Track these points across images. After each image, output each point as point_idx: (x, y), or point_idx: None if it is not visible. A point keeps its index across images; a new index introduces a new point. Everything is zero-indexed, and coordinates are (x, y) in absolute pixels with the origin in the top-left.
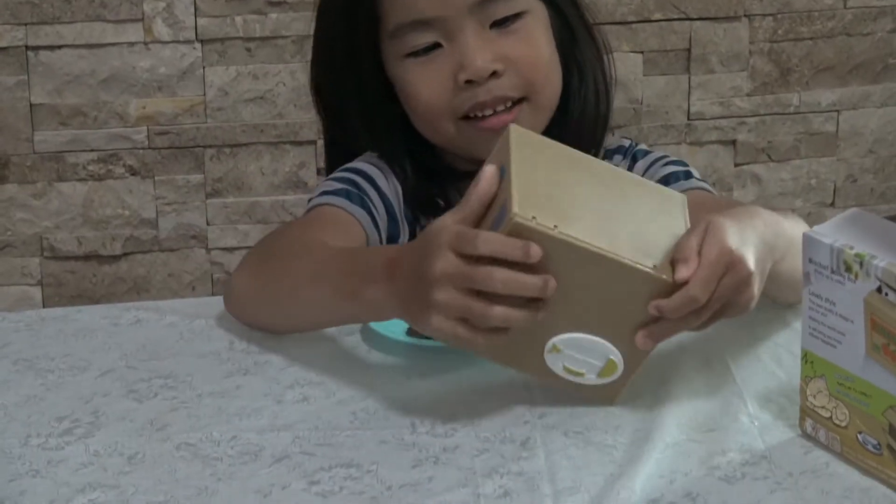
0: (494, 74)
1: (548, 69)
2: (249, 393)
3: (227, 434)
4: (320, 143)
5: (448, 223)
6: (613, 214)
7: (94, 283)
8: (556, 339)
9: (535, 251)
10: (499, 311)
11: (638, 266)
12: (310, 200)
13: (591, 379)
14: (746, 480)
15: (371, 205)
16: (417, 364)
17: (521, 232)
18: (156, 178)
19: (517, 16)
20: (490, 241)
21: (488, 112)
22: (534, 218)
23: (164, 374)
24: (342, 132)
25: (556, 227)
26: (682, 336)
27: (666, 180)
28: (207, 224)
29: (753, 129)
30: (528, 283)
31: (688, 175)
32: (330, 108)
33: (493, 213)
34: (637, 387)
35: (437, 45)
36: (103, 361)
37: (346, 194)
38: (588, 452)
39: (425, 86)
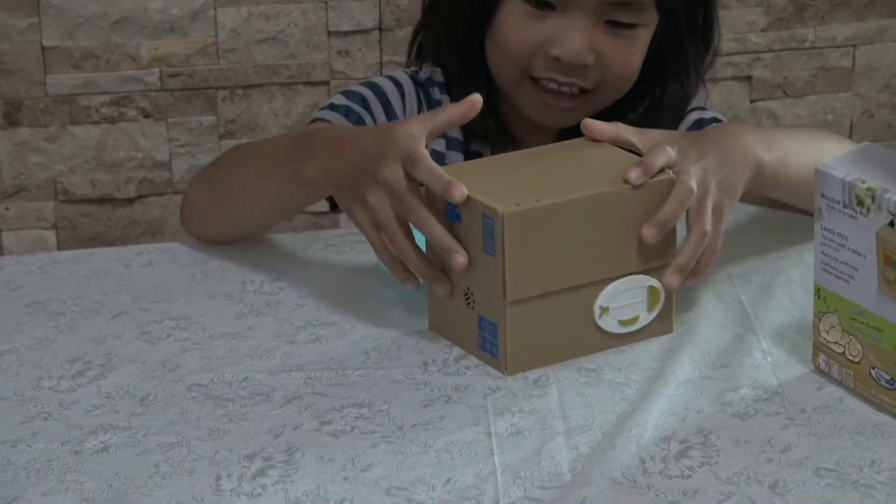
0: (583, 66)
1: (629, 81)
2: (261, 334)
3: (239, 375)
4: (333, 83)
5: (414, 132)
6: (575, 175)
7: (108, 227)
8: (599, 302)
9: (460, 192)
10: (403, 243)
11: (619, 188)
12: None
13: (645, 318)
14: (759, 416)
15: (372, 123)
16: None
17: (515, 220)
18: (169, 120)
19: (633, 26)
20: (427, 171)
21: (553, 86)
22: (517, 204)
23: (175, 316)
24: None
25: (537, 200)
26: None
27: (698, 125)
28: None
29: (769, 64)
30: (436, 233)
31: (712, 121)
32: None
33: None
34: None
35: (550, 6)
36: (115, 303)
37: (345, 111)
38: (600, 390)
39: (518, 33)
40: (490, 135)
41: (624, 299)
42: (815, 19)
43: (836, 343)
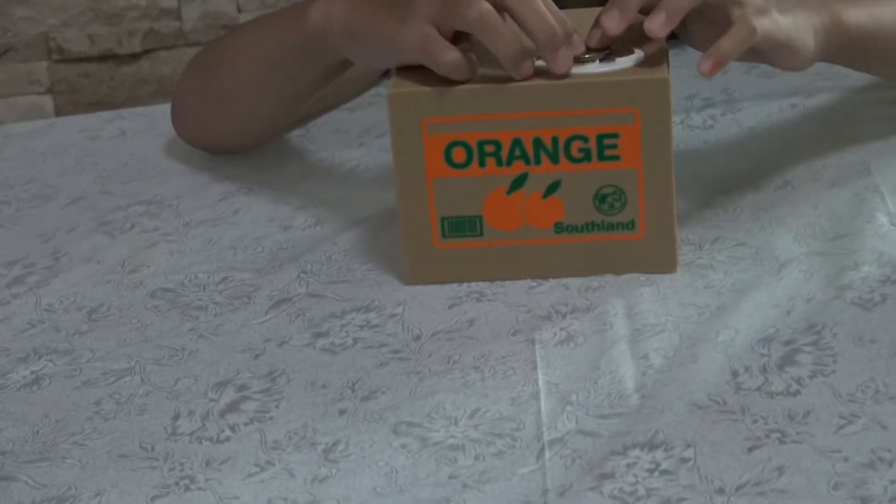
0: None
1: None
2: (249, 219)
3: (217, 275)
4: None
5: None
6: None
7: (112, 87)
8: None
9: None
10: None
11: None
12: None
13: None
14: (888, 304)
15: None
16: None
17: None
18: None
19: None
20: None
21: None
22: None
23: (145, 200)
24: None
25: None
26: (796, 118)
27: None
28: (238, 11)
29: None
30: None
31: None
32: None
33: None
34: (737, 186)
35: None
36: (74, 186)
37: None
38: (676, 279)
39: None
40: None
41: None
42: None
43: None
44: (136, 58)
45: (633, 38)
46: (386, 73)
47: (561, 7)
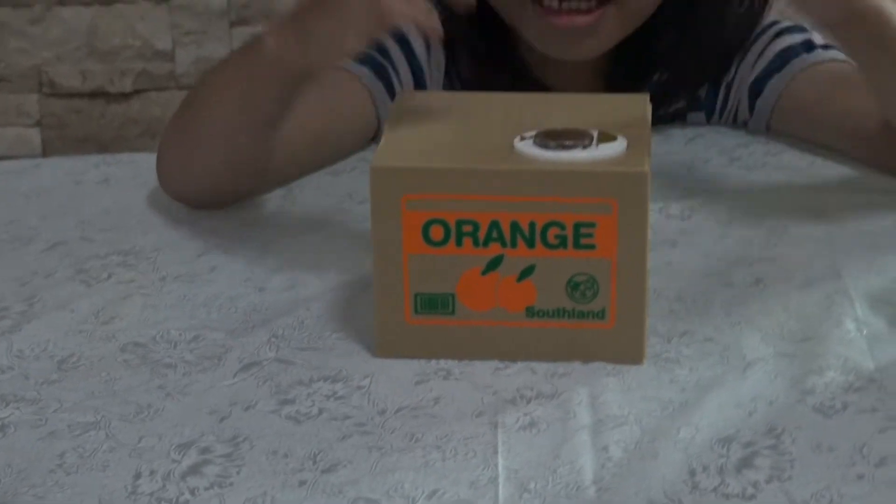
0: None
1: None
2: (225, 277)
3: (189, 333)
4: None
5: None
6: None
7: (101, 125)
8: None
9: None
10: None
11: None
12: None
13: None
14: (849, 413)
15: (393, 75)
16: None
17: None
18: (172, 2)
19: None
20: None
21: (554, 3)
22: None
23: (124, 250)
24: None
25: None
26: (773, 215)
27: (783, 59)
28: None
29: None
30: None
31: (809, 47)
32: None
33: None
34: (710, 281)
35: None
36: (54, 231)
37: (366, 60)
38: (642, 371)
39: None
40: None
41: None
42: None
43: None
44: (127, 97)
45: (618, 123)
46: (375, 138)
47: (546, 91)
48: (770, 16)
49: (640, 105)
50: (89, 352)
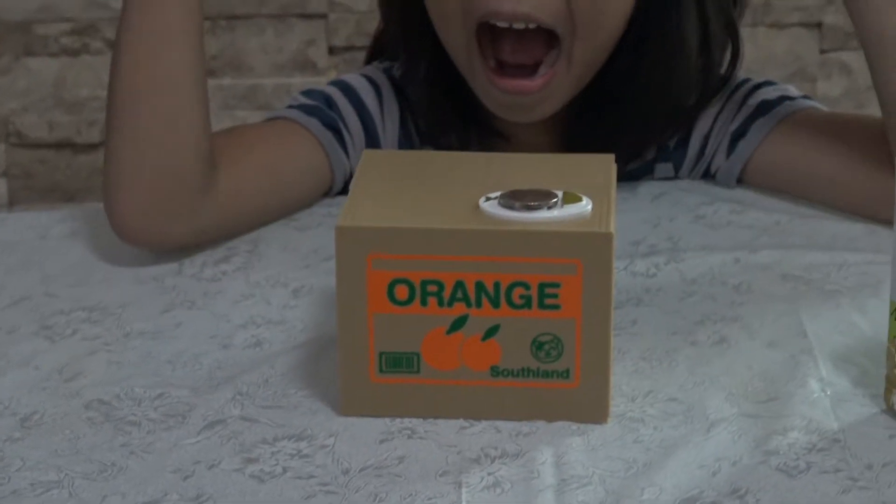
0: (525, 22)
1: (610, 26)
2: (190, 333)
3: (153, 390)
4: (332, 16)
5: None
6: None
7: (68, 176)
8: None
9: None
10: None
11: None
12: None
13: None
14: (812, 473)
15: (342, 125)
16: None
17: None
18: None
19: None
20: None
21: (492, 62)
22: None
23: (88, 306)
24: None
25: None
26: (737, 273)
27: (767, 106)
28: None
29: (842, 9)
30: None
31: (790, 98)
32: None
33: None
34: (674, 340)
35: None
36: (18, 286)
37: (313, 111)
38: (606, 430)
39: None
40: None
41: None
42: None
43: None
44: (94, 147)
45: (583, 183)
46: (344, 190)
47: (506, 139)
48: (741, 75)
49: (605, 165)
50: (53, 409)
